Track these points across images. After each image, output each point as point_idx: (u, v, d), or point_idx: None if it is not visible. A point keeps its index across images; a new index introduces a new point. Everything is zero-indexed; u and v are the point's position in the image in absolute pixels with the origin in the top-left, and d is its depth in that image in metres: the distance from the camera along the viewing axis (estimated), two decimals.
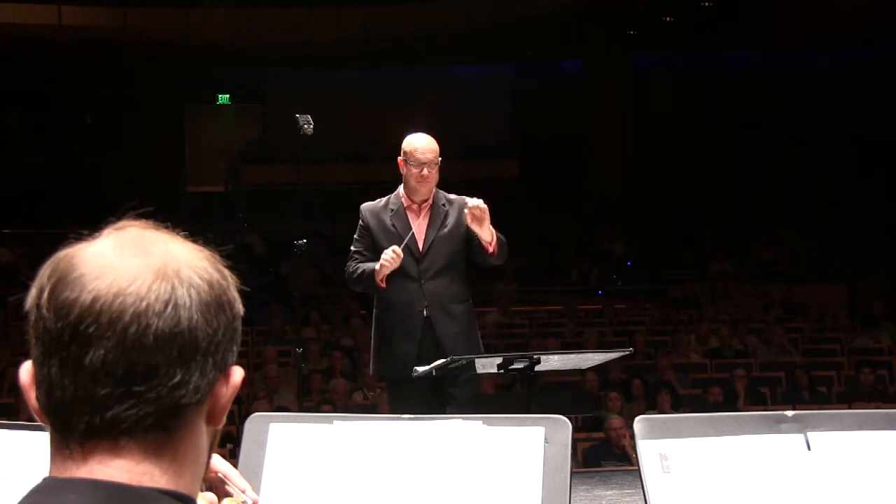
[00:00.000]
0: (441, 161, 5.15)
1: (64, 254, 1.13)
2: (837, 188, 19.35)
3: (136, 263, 1.11)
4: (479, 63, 21.71)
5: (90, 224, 1.26)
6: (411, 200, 5.17)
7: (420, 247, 5.12)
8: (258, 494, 1.94)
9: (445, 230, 5.14)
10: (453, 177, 5.25)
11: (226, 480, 1.69)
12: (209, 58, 19.83)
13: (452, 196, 5.24)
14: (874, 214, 17.94)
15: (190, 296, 1.11)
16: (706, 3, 17.33)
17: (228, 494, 1.68)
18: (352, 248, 5.22)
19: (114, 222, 1.17)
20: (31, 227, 17.69)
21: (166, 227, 1.18)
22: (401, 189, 5.22)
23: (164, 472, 1.10)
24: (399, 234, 5.10)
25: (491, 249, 5.01)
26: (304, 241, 5.81)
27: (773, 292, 15.24)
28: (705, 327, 12.67)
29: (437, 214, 5.17)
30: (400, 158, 5.17)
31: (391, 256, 4.94)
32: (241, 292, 1.18)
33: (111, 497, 1.07)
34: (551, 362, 4.95)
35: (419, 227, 5.14)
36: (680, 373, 10.84)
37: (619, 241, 18.43)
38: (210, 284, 1.13)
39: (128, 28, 17.97)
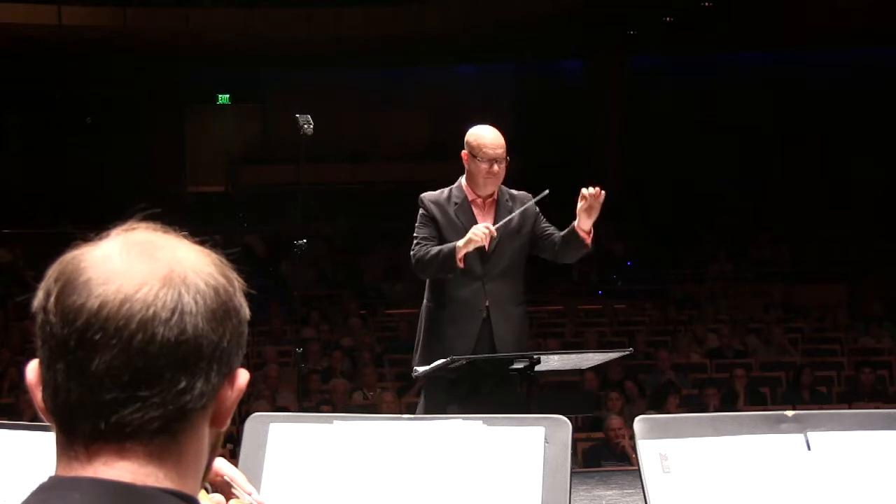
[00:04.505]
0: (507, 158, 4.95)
1: (71, 256, 1.13)
2: (837, 188, 19.35)
3: (143, 269, 1.10)
4: (479, 63, 21.71)
5: (90, 224, 1.26)
6: (475, 194, 4.97)
7: (486, 245, 4.89)
8: (258, 494, 1.94)
9: (511, 228, 4.95)
10: (452, 176, 5.21)
11: (232, 484, 1.69)
12: (209, 58, 19.84)
13: (515, 192, 5.07)
14: (874, 214, 17.95)
15: (196, 303, 1.10)
16: (706, 3, 17.32)
17: (234, 497, 1.69)
18: (415, 234, 4.97)
19: (120, 224, 1.17)
20: (31, 227, 17.71)
21: (171, 229, 1.18)
22: (463, 181, 5.01)
23: (168, 473, 1.10)
24: (465, 228, 4.87)
25: (588, 240, 4.86)
26: (304, 241, 5.78)
27: (773, 292, 15.23)
28: (705, 327, 12.67)
29: (502, 211, 4.97)
30: (464, 152, 4.94)
31: (484, 232, 4.72)
32: (245, 295, 1.18)
33: (115, 496, 1.07)
34: (551, 362, 4.92)
35: (486, 223, 4.92)
36: (680, 373, 10.83)
37: (619, 241, 18.43)
38: (216, 291, 1.13)
39: (128, 28, 17.96)
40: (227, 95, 22.93)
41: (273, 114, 21.60)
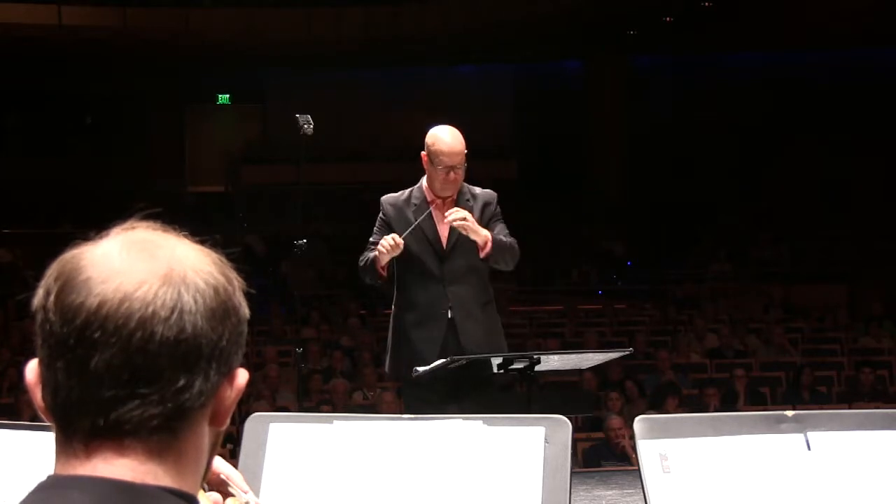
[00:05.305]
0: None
1: (71, 255, 1.13)
2: (837, 188, 19.36)
3: (142, 267, 1.10)
4: (479, 63, 21.73)
5: (90, 224, 1.26)
6: (435, 196, 4.89)
7: (444, 245, 4.86)
8: (258, 495, 1.94)
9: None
10: None
11: (228, 482, 1.69)
12: (209, 58, 19.84)
13: (477, 190, 4.97)
14: (874, 214, 17.95)
15: (196, 301, 1.10)
16: (706, 3, 17.34)
17: (230, 496, 1.68)
18: (370, 239, 4.95)
19: (120, 223, 1.17)
20: (31, 227, 17.72)
21: (171, 229, 1.18)
22: (423, 182, 4.93)
23: (167, 471, 1.10)
24: (423, 230, 4.84)
25: (482, 254, 4.76)
26: (304, 241, 5.76)
27: (773, 292, 15.24)
28: (705, 327, 12.67)
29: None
30: (423, 154, 4.83)
31: (390, 244, 4.66)
32: (245, 294, 1.18)
33: (115, 494, 1.07)
34: (551, 362, 4.91)
35: (442, 225, 4.85)
36: (680, 373, 10.83)
37: (619, 241, 18.44)
38: (216, 290, 1.13)
39: (128, 28, 17.98)
40: (227, 95, 22.95)
41: (273, 114, 21.62)
